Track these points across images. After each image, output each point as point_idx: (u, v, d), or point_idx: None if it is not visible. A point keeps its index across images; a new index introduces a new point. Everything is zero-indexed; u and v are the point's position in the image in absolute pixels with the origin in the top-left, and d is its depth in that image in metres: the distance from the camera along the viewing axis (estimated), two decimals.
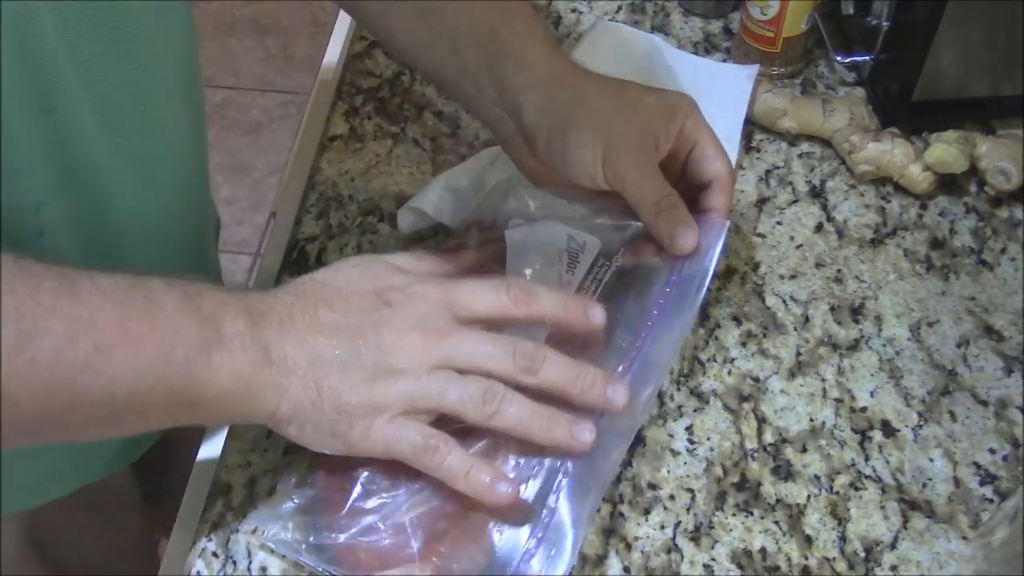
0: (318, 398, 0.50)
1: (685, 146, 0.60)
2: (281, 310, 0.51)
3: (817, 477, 0.59)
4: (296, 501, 0.56)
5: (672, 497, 0.58)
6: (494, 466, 0.52)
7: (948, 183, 0.73)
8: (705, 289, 0.60)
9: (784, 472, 0.59)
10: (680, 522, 0.57)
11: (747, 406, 0.62)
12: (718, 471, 0.59)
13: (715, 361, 0.64)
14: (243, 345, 0.49)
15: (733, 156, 0.73)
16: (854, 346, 0.65)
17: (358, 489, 0.54)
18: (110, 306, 0.45)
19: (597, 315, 0.55)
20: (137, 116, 0.55)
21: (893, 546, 0.57)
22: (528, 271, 0.62)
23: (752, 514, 0.58)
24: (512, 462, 0.55)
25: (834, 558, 0.56)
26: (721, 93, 0.76)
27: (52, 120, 0.49)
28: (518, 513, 0.53)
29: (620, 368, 0.58)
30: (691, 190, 0.62)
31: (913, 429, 0.61)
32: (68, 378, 0.44)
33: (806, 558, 0.56)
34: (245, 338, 0.49)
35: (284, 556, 0.56)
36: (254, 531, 0.57)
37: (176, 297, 0.48)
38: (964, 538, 0.57)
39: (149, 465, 0.75)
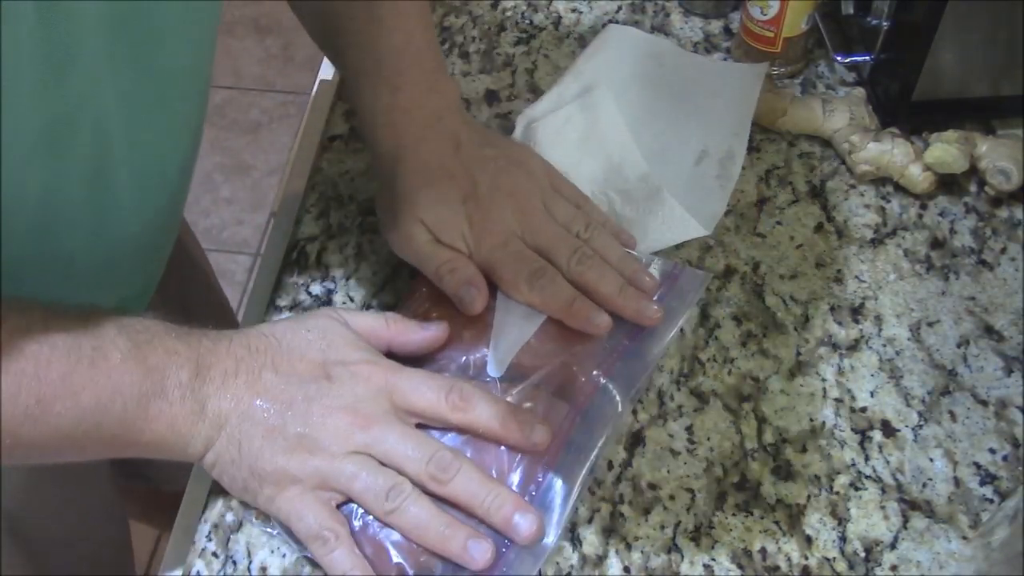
0: (238, 456, 0.53)
1: None
2: (228, 363, 0.53)
3: (817, 477, 0.59)
4: None
5: (672, 497, 0.58)
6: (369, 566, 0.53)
7: (948, 183, 0.73)
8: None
9: (784, 472, 0.59)
10: (680, 522, 0.57)
11: (747, 406, 0.62)
12: (718, 471, 0.59)
13: (715, 361, 0.64)
14: (182, 397, 0.51)
15: (741, 155, 0.73)
16: (854, 346, 0.65)
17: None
18: (56, 359, 0.48)
19: (538, 435, 0.55)
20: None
21: (893, 546, 0.57)
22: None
23: (752, 514, 0.58)
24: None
25: (834, 558, 0.56)
26: (730, 92, 0.76)
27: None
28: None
29: (607, 361, 0.59)
30: None
31: (913, 429, 0.61)
32: (10, 429, 0.47)
33: (806, 558, 0.56)
34: (186, 391, 0.51)
35: (284, 556, 0.56)
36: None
37: (124, 347, 0.50)
38: (964, 538, 0.57)
39: None
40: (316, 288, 0.68)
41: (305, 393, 0.53)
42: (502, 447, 0.55)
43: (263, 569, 0.56)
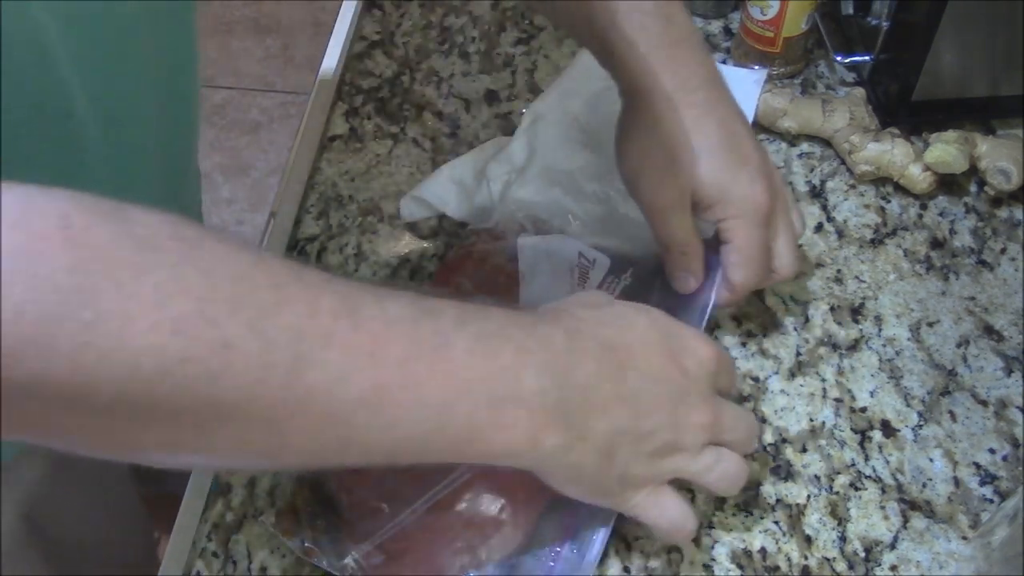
0: (608, 466, 0.48)
1: (722, 235, 0.59)
2: (589, 366, 0.47)
3: (817, 477, 0.59)
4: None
5: None
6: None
7: (948, 183, 0.73)
8: (707, 317, 0.60)
9: (784, 472, 0.59)
10: None
11: (747, 406, 0.62)
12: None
13: None
14: (544, 406, 0.45)
15: None
16: (854, 346, 0.65)
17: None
18: (395, 338, 0.41)
19: None
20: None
21: (893, 546, 0.57)
22: (540, 279, 0.62)
23: (752, 514, 0.58)
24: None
25: (834, 558, 0.56)
26: None
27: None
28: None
29: None
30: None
31: (913, 429, 0.61)
32: (343, 416, 0.40)
33: (806, 558, 0.56)
34: (550, 398, 0.45)
35: (284, 556, 0.56)
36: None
37: (469, 337, 0.43)
38: (964, 538, 0.57)
39: None
40: None
41: (670, 394, 0.49)
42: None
43: (263, 569, 0.56)
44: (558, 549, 0.55)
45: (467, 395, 0.43)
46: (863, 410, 0.62)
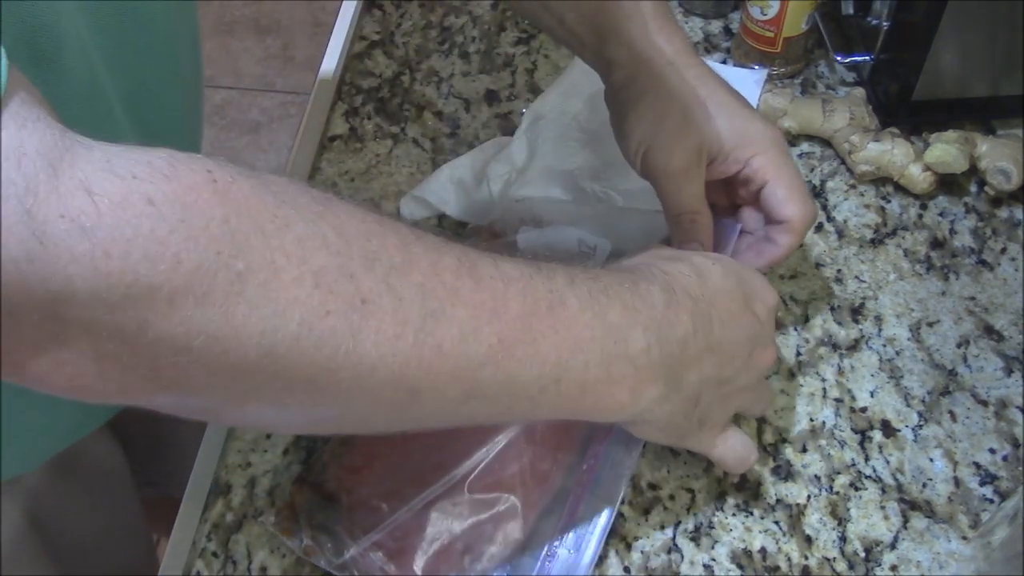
0: (692, 411, 0.50)
1: (754, 180, 0.59)
2: (683, 324, 0.48)
3: (817, 477, 0.59)
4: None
5: (672, 497, 0.58)
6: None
7: (948, 183, 0.73)
8: None
9: (784, 472, 0.59)
10: (680, 522, 0.57)
11: None
12: (718, 471, 0.59)
13: None
14: (649, 363, 0.47)
15: None
16: (854, 346, 0.65)
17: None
18: (513, 296, 0.42)
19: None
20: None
21: (893, 546, 0.57)
22: None
23: (752, 514, 0.58)
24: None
25: (834, 558, 0.56)
26: None
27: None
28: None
29: None
30: (768, 222, 0.61)
31: (913, 429, 0.61)
32: (470, 371, 0.41)
33: (806, 558, 0.56)
34: (654, 355, 0.47)
35: (284, 556, 0.56)
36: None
37: (581, 295, 0.45)
38: (964, 538, 0.57)
39: (140, 446, 0.76)
40: None
41: (748, 338, 0.52)
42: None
43: (263, 569, 0.56)
44: (556, 549, 0.55)
45: (580, 352, 0.44)
46: (863, 410, 0.62)
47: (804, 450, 0.60)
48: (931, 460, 0.60)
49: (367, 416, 0.42)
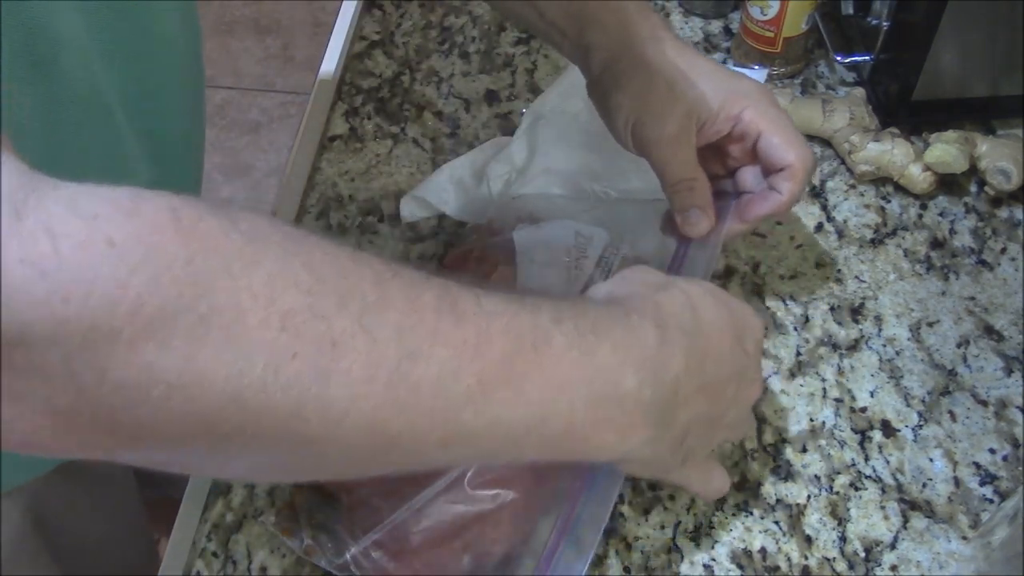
0: (678, 449, 0.49)
1: (748, 134, 0.59)
2: (676, 364, 0.47)
3: (817, 477, 0.59)
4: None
5: (672, 497, 0.58)
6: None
7: (948, 183, 0.73)
8: (712, 268, 0.60)
9: (784, 472, 0.59)
10: (680, 522, 0.57)
11: None
12: None
13: None
14: (640, 405, 0.45)
15: None
16: (854, 346, 0.65)
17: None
18: (496, 334, 0.40)
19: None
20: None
21: (893, 546, 0.57)
22: (538, 270, 0.62)
23: (752, 514, 0.58)
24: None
25: (834, 558, 0.56)
26: None
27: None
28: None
29: None
30: (768, 174, 0.60)
31: (913, 429, 0.61)
32: (450, 413, 0.39)
33: (806, 558, 0.56)
34: (645, 396, 0.45)
35: (284, 556, 0.56)
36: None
37: (567, 332, 0.43)
38: (964, 538, 0.57)
39: None
40: None
41: (736, 374, 0.50)
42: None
43: (263, 569, 0.56)
44: (555, 548, 0.55)
45: (566, 394, 0.42)
46: (863, 410, 0.62)
47: (804, 450, 0.60)
48: (931, 460, 0.60)
49: (344, 463, 0.41)
